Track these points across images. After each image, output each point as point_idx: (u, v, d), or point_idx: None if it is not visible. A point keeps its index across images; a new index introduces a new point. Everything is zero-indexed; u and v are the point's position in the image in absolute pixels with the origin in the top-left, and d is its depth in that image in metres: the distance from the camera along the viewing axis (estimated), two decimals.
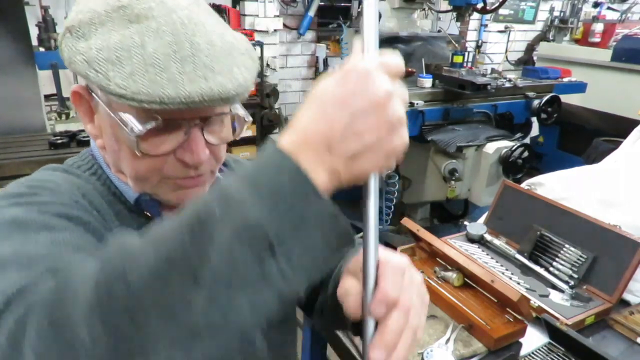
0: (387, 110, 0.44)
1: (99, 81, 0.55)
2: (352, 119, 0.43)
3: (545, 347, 1.26)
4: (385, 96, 0.43)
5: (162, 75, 0.55)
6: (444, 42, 3.58)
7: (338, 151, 0.43)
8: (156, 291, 0.39)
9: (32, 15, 2.90)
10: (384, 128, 0.44)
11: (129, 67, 0.55)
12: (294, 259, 0.40)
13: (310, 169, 0.42)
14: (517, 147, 2.75)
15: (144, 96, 0.54)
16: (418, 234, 1.55)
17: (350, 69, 0.44)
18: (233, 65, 0.60)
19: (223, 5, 3.79)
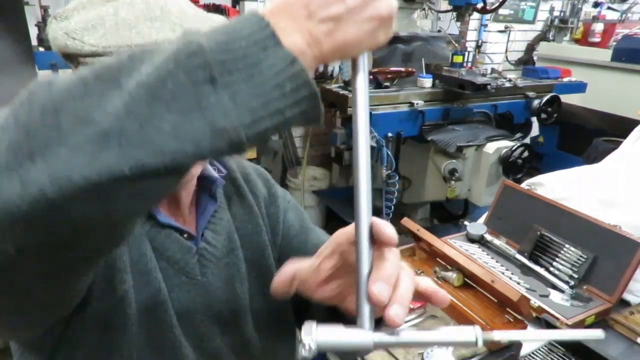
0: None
1: (75, 46, 0.59)
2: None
3: (545, 347, 1.26)
4: None
5: (131, 31, 0.59)
6: (444, 42, 3.58)
7: (318, 15, 0.40)
8: (74, 94, 0.37)
9: (32, 15, 2.89)
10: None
11: (102, 30, 0.59)
12: (239, 97, 0.37)
13: (285, 33, 0.39)
14: (517, 147, 2.75)
15: (114, 49, 0.58)
16: (418, 234, 1.55)
17: None
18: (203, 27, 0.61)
19: (223, 5, 3.79)
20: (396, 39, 3.29)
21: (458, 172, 2.84)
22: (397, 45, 3.27)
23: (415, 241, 1.63)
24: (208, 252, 0.77)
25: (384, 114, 2.83)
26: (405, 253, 1.62)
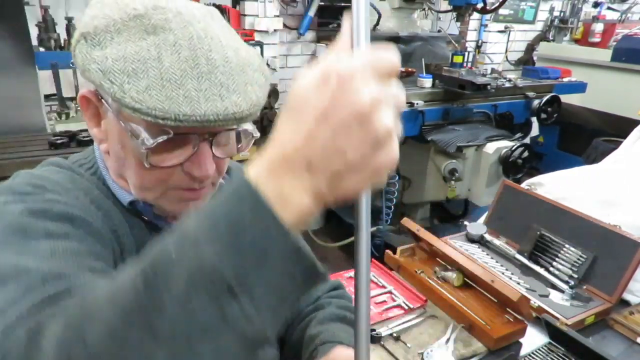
0: (373, 123, 0.39)
1: (114, 92, 0.55)
2: (333, 134, 0.38)
3: (545, 347, 1.26)
4: (370, 107, 0.38)
5: (178, 92, 0.54)
6: (444, 42, 3.59)
7: (318, 170, 0.39)
8: (114, 351, 0.37)
9: (32, 15, 2.89)
10: (369, 143, 0.39)
11: (145, 81, 0.54)
12: (257, 298, 0.38)
13: (291, 197, 0.39)
14: (517, 147, 2.75)
15: (159, 112, 0.54)
16: (418, 234, 1.55)
17: (331, 71, 0.39)
18: (247, 83, 0.60)
19: (223, 5, 3.79)
20: (396, 39, 3.29)
21: (458, 172, 2.84)
22: (397, 45, 3.27)
23: (415, 241, 1.63)
24: None
25: None
26: (405, 253, 1.62)
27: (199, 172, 0.63)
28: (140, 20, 0.57)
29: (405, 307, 1.36)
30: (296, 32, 4.14)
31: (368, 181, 0.41)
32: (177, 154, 0.62)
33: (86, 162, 0.72)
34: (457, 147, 2.76)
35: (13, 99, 2.52)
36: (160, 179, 0.64)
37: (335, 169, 0.39)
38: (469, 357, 1.21)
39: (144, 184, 0.65)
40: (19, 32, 2.48)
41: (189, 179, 0.64)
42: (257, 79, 0.62)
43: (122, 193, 0.70)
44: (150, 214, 0.71)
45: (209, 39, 0.58)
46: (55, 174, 0.67)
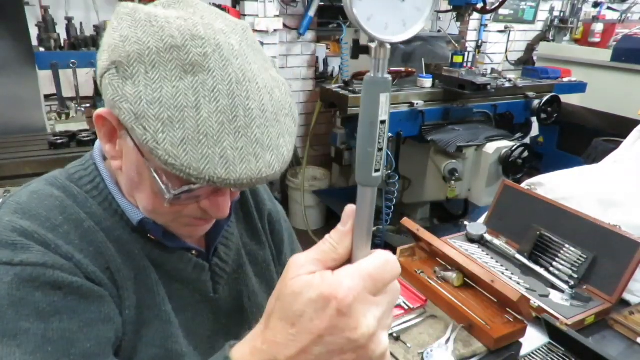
0: (369, 350, 0.42)
1: (147, 141, 0.51)
2: (328, 356, 0.41)
3: (545, 347, 1.26)
4: (367, 338, 0.41)
5: (214, 150, 0.51)
6: (444, 42, 3.59)
7: None
8: None
9: (32, 15, 2.89)
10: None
11: (180, 132, 0.51)
12: None
13: None
14: (517, 147, 2.75)
15: (193, 171, 0.51)
16: (418, 234, 1.55)
17: (331, 296, 0.40)
18: (280, 135, 0.58)
19: (223, 5, 3.79)
20: None
21: (458, 172, 2.84)
22: (397, 45, 3.27)
23: (415, 241, 1.63)
24: (220, 268, 0.77)
25: None
26: (405, 253, 1.62)
27: (216, 214, 0.63)
28: (178, 54, 0.52)
29: (405, 307, 1.36)
30: (296, 32, 4.14)
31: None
32: (197, 196, 0.61)
33: (86, 175, 0.68)
34: (457, 147, 2.76)
35: (13, 99, 2.52)
36: (174, 211, 0.63)
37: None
38: (469, 357, 1.21)
39: (156, 211, 0.64)
40: (19, 32, 2.48)
41: (203, 212, 0.64)
42: (288, 127, 0.60)
43: (132, 211, 0.67)
44: (160, 234, 0.68)
45: (247, 82, 0.55)
46: (45, 206, 0.62)
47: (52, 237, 0.59)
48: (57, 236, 0.59)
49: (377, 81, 0.40)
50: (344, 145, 3.80)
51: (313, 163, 4.20)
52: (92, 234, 0.63)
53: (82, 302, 0.57)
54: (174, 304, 0.70)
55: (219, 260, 0.77)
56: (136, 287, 0.65)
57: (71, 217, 0.62)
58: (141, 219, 0.66)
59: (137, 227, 0.67)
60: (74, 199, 0.65)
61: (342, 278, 0.41)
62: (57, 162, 1.99)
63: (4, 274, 0.54)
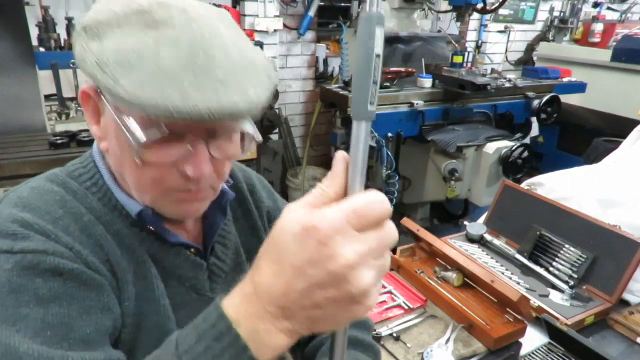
0: (349, 284, 0.41)
1: (107, 83, 0.53)
2: (310, 290, 0.41)
3: (545, 347, 1.26)
4: (346, 269, 0.40)
5: (172, 86, 0.52)
6: (444, 42, 3.59)
7: (294, 318, 0.43)
8: None
9: (32, 15, 2.90)
10: (345, 301, 0.41)
11: (139, 74, 0.52)
12: None
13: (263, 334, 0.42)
14: (517, 147, 2.75)
15: (151, 106, 0.52)
16: (418, 234, 1.55)
17: (312, 226, 0.40)
18: (248, 83, 0.57)
19: (223, 5, 3.79)
20: (396, 39, 3.29)
21: (458, 172, 2.84)
22: (397, 45, 3.28)
23: (415, 241, 1.63)
24: (217, 267, 0.77)
25: (384, 114, 2.83)
26: (405, 253, 1.62)
27: (193, 172, 0.61)
28: (143, 16, 0.55)
29: (405, 307, 1.36)
30: (296, 32, 4.14)
31: (344, 322, 0.44)
32: (171, 151, 0.60)
33: (85, 172, 0.69)
34: (457, 147, 2.76)
35: (13, 99, 2.52)
36: (155, 179, 0.62)
37: (311, 317, 0.43)
38: (469, 357, 1.21)
39: (141, 183, 0.63)
40: (19, 32, 2.48)
41: (185, 180, 0.62)
42: (260, 79, 0.60)
43: (130, 203, 0.67)
44: (159, 225, 0.68)
45: (212, 37, 0.56)
46: (46, 200, 0.63)
47: (52, 228, 0.60)
48: (57, 228, 0.60)
49: (372, 16, 0.41)
50: (344, 145, 3.80)
51: (313, 163, 4.20)
52: (91, 227, 0.63)
53: (81, 289, 0.58)
54: (171, 301, 0.69)
55: (216, 259, 0.77)
56: (135, 279, 0.65)
57: (71, 211, 0.63)
58: (140, 211, 0.67)
59: (136, 221, 0.68)
60: (74, 194, 0.66)
61: (325, 211, 0.41)
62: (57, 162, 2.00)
63: (4, 262, 0.55)
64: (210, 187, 0.67)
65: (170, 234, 0.70)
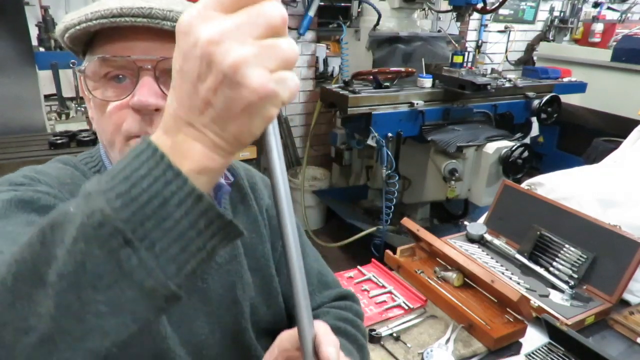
0: (216, 64, 0.36)
1: (58, 28, 0.63)
2: (193, 88, 0.38)
3: (545, 347, 1.26)
4: (209, 47, 0.36)
5: (97, 6, 0.60)
6: (444, 42, 3.58)
7: (197, 123, 0.39)
8: (2, 303, 0.37)
9: (32, 15, 2.89)
10: (224, 85, 0.37)
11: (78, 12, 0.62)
12: (157, 248, 0.36)
13: (180, 145, 0.39)
14: (517, 147, 2.75)
15: (75, 20, 0.61)
16: (418, 234, 1.55)
17: (179, 29, 0.38)
18: (173, 3, 0.62)
19: None
20: (396, 39, 3.29)
21: (458, 172, 2.84)
22: (397, 45, 3.27)
23: (415, 241, 1.63)
24: None
25: (384, 114, 2.83)
26: (405, 253, 1.62)
27: (134, 100, 0.61)
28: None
29: (405, 307, 1.36)
30: (296, 32, 4.14)
31: (254, 120, 0.39)
32: (120, 88, 0.64)
33: (91, 161, 0.75)
34: (457, 147, 2.76)
35: (13, 99, 2.52)
36: (115, 124, 0.64)
37: (210, 117, 0.38)
38: (469, 357, 1.21)
39: (108, 138, 0.66)
40: (19, 32, 2.48)
41: (138, 120, 0.63)
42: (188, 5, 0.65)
43: None
44: None
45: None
46: (57, 170, 0.70)
47: (58, 189, 0.66)
48: (63, 189, 0.66)
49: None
50: (344, 145, 3.80)
51: (313, 163, 4.20)
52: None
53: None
54: None
55: None
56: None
57: (78, 182, 0.69)
58: None
59: None
60: (83, 173, 0.72)
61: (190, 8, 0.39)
62: None
63: (5, 193, 0.59)
64: None
65: None
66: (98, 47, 0.65)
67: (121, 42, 0.63)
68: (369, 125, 2.79)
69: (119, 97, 0.63)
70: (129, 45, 0.63)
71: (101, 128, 0.67)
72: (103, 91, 0.64)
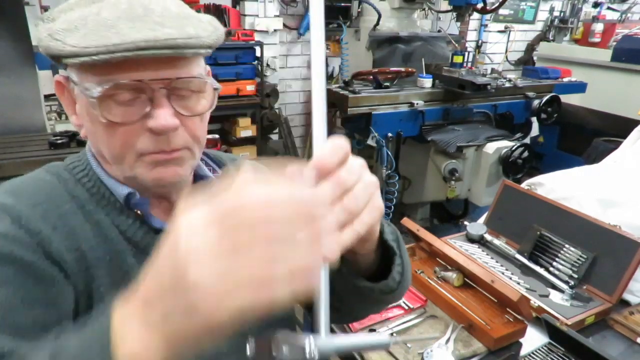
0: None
1: (57, 47, 0.58)
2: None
3: (545, 347, 1.26)
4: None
5: (111, 31, 0.57)
6: (444, 42, 3.59)
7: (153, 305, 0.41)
8: None
9: (32, 15, 2.90)
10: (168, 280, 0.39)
11: (83, 31, 0.58)
12: None
13: (126, 328, 0.42)
14: (517, 147, 2.75)
15: (93, 49, 0.56)
16: (418, 234, 1.55)
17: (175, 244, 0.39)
18: (188, 24, 0.61)
19: (223, 5, 3.79)
20: (396, 39, 3.29)
21: (458, 172, 2.84)
22: (397, 45, 3.28)
23: (415, 241, 1.63)
24: None
25: (384, 114, 2.83)
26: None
27: (155, 123, 0.62)
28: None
29: (405, 307, 1.36)
30: (296, 32, 4.14)
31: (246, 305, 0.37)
32: (132, 108, 0.62)
33: (79, 164, 0.73)
34: (457, 147, 2.76)
35: (13, 99, 2.52)
36: (126, 142, 0.63)
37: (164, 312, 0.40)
38: (469, 357, 1.21)
39: (114, 152, 0.65)
40: (19, 32, 2.48)
41: (154, 138, 0.63)
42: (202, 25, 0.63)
43: (118, 187, 0.70)
44: (146, 209, 0.70)
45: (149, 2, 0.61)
46: (35, 186, 0.68)
47: (29, 212, 0.63)
48: (35, 212, 0.63)
49: None
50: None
51: None
52: (70, 215, 0.66)
53: (29, 281, 0.59)
54: None
55: None
56: (110, 269, 0.67)
57: (54, 198, 0.67)
58: (127, 194, 0.69)
59: (123, 207, 0.69)
60: (65, 183, 0.70)
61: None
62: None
63: None
64: (186, 149, 0.68)
65: (155, 220, 0.71)
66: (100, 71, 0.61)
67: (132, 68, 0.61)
68: (369, 125, 2.80)
69: (130, 117, 0.62)
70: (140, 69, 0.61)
71: (103, 145, 0.66)
72: (108, 112, 0.62)
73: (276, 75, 4.12)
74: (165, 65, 0.62)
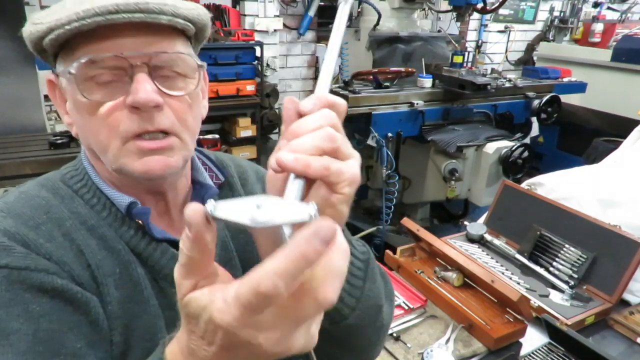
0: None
1: (37, 29, 0.59)
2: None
3: (545, 347, 1.26)
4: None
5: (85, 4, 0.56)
6: (444, 42, 3.59)
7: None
8: None
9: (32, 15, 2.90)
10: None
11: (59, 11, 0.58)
12: None
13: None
14: (517, 147, 2.75)
15: (64, 19, 0.56)
16: (418, 234, 1.55)
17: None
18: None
19: (223, 5, 3.79)
20: (396, 39, 3.29)
21: (458, 172, 2.84)
22: (397, 45, 3.27)
23: (415, 241, 1.63)
24: None
25: (384, 114, 2.83)
26: (405, 253, 1.62)
27: (134, 97, 0.59)
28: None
29: (405, 307, 1.36)
30: (296, 32, 4.14)
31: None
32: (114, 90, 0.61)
33: (77, 174, 0.70)
34: (457, 147, 2.76)
35: (13, 99, 2.53)
36: (110, 126, 0.61)
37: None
38: (469, 357, 1.21)
39: (102, 142, 0.63)
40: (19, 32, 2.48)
41: (137, 117, 0.61)
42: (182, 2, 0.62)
43: (119, 196, 0.68)
44: (147, 219, 0.68)
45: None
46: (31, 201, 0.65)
47: (34, 235, 0.60)
48: (39, 234, 0.61)
49: None
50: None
51: None
52: (74, 233, 0.64)
53: (68, 305, 0.58)
54: (160, 301, 0.68)
55: None
56: (120, 282, 0.65)
57: (54, 217, 0.64)
58: (129, 204, 0.67)
59: (124, 218, 0.68)
60: (61, 199, 0.67)
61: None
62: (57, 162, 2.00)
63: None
64: (174, 136, 0.65)
65: (157, 230, 0.69)
66: (80, 48, 0.60)
67: (108, 40, 0.59)
68: (369, 125, 2.80)
69: (112, 97, 0.61)
70: (117, 42, 0.59)
71: (90, 133, 0.64)
72: (90, 94, 0.61)
73: (276, 75, 4.12)
74: (144, 39, 0.60)
